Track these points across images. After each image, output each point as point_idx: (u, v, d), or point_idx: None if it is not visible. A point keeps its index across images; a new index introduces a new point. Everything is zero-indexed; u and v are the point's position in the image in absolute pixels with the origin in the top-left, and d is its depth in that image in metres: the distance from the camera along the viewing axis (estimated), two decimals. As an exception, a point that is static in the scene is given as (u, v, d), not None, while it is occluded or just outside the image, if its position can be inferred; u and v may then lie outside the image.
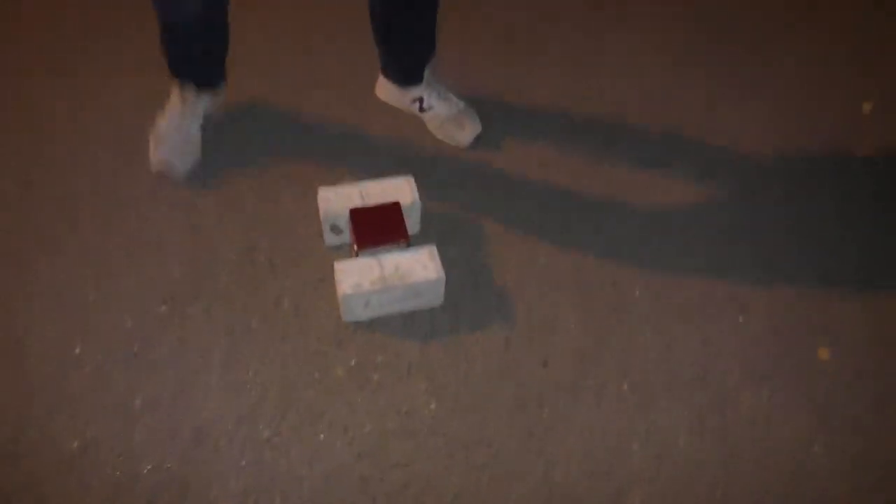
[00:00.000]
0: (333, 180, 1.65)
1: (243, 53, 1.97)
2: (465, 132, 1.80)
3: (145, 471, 1.30)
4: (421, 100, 1.79)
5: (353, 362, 1.45)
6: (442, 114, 1.80)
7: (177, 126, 1.70)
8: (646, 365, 1.48)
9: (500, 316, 1.53)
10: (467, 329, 1.50)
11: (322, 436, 1.36)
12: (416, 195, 1.58)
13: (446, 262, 1.51)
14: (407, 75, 1.79)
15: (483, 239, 1.64)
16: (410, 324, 1.51)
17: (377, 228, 1.50)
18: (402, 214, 1.52)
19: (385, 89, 1.85)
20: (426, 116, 1.82)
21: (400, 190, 1.58)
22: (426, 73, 1.78)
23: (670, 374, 1.47)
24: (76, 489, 1.28)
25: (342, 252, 1.59)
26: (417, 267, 1.47)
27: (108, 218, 1.63)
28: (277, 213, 1.66)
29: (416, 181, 1.60)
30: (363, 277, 1.45)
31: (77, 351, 1.43)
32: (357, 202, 1.54)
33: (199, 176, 1.71)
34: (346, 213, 1.53)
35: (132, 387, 1.39)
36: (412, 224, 1.59)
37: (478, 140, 1.81)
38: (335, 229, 1.57)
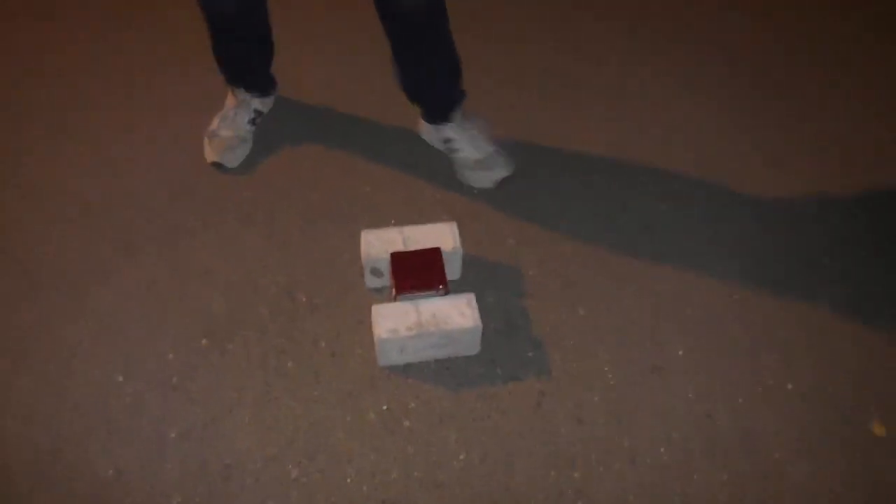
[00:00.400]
0: (378, 222, 1.66)
1: (295, 91, 2.03)
2: (482, 176, 1.78)
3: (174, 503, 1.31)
4: (451, 140, 1.80)
5: (384, 407, 1.44)
6: (470, 158, 1.79)
7: (227, 124, 1.85)
8: (685, 428, 1.43)
9: (535, 368, 1.50)
10: (501, 380, 1.48)
11: (349, 479, 1.35)
12: (458, 241, 1.57)
13: (484, 310, 1.50)
14: (433, 114, 1.81)
15: (522, 287, 1.63)
16: (445, 371, 1.49)
17: (416, 274, 1.50)
18: (442, 261, 1.52)
19: (422, 127, 1.87)
20: (454, 158, 1.82)
21: (442, 235, 1.58)
22: (458, 115, 1.78)
23: (711, 440, 1.41)
24: (107, 517, 1.30)
25: (382, 295, 1.60)
26: (455, 314, 1.46)
27: (159, 248, 1.68)
28: (320, 252, 1.68)
29: (458, 227, 1.60)
30: (400, 322, 1.44)
31: (119, 379, 1.46)
32: (399, 246, 1.55)
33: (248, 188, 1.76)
34: (388, 257, 1.53)
35: (168, 418, 1.41)
36: (453, 270, 1.59)
37: (503, 183, 1.79)
38: (376, 272, 1.58)
